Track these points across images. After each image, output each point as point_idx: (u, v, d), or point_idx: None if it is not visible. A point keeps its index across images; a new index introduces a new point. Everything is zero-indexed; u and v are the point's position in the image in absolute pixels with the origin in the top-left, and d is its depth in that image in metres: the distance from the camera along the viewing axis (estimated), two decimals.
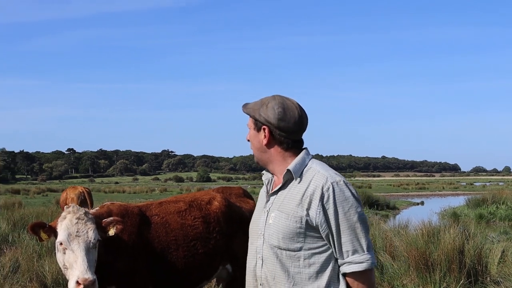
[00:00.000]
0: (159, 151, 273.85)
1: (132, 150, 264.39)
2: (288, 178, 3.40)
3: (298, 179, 3.37)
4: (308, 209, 3.27)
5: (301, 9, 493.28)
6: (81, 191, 19.41)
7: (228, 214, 6.35)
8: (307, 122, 3.48)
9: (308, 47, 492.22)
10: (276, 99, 3.43)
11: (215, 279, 6.82)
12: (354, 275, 3.27)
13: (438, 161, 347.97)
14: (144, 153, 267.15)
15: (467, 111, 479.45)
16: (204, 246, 6.05)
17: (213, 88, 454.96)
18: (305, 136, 3.51)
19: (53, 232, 5.13)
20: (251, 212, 6.66)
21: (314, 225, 3.27)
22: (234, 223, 6.38)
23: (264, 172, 3.65)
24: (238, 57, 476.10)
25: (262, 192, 3.66)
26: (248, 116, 3.54)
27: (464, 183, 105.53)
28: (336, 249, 3.28)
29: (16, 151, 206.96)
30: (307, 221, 3.27)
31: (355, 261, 3.25)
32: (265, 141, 3.45)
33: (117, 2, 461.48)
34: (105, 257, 5.23)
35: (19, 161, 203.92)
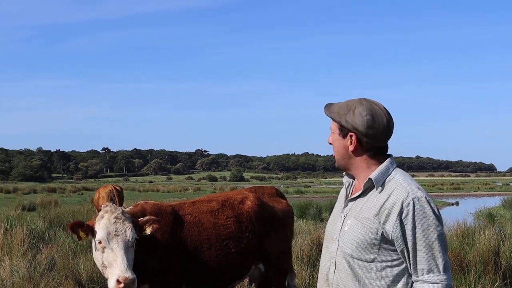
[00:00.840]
0: (193, 150, 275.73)
1: (166, 150, 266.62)
2: (369, 186, 3.31)
3: (380, 188, 3.27)
4: (384, 222, 3.18)
5: (334, 8, 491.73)
6: (111, 189, 19.96)
7: (260, 214, 6.35)
8: (393, 126, 3.36)
9: (341, 47, 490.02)
10: (363, 104, 3.28)
11: (247, 279, 6.83)
12: None
13: (473, 161, 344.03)
14: (178, 152, 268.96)
15: (503, 111, 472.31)
16: (236, 246, 6.06)
17: (246, 88, 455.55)
18: None
19: (91, 231, 5.19)
20: (283, 211, 6.69)
21: (390, 238, 3.18)
22: (266, 223, 6.38)
23: (344, 174, 3.54)
24: (271, 57, 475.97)
25: (341, 195, 3.57)
26: (331, 119, 3.40)
27: (500, 184, 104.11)
28: (411, 266, 3.19)
29: (53, 150, 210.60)
30: (382, 233, 3.19)
31: (429, 281, 3.15)
32: (351, 148, 3.32)
33: (150, 2, 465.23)
34: (139, 255, 5.26)
35: (55, 160, 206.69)
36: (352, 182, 3.50)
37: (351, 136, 3.30)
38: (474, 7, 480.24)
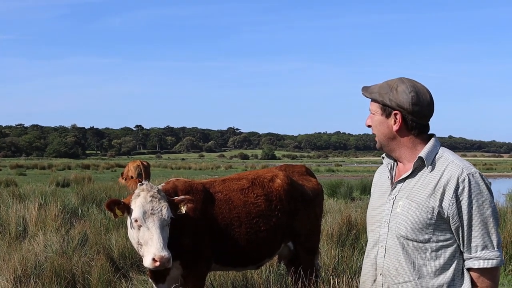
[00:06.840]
0: (225, 128, 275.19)
1: (199, 127, 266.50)
2: (418, 166, 3.24)
3: (430, 167, 3.21)
4: (441, 200, 3.13)
5: None
6: (138, 164, 21.14)
7: (290, 192, 6.37)
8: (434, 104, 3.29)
9: (375, 26, 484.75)
10: (405, 82, 3.23)
11: (277, 257, 6.87)
12: (480, 271, 3.14)
13: (507, 141, 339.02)
14: (210, 130, 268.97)
15: None
16: (266, 224, 6.09)
17: (279, 67, 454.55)
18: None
19: (127, 209, 5.27)
20: (313, 190, 6.71)
21: (446, 216, 3.14)
22: (296, 201, 6.40)
23: (384, 156, 3.47)
24: (305, 36, 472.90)
25: (381, 178, 3.52)
26: (370, 100, 3.33)
27: None
28: (465, 243, 3.15)
29: (87, 127, 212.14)
30: (438, 212, 3.13)
31: (483, 257, 3.12)
32: (396, 127, 3.25)
33: None
34: (171, 233, 5.31)
35: (89, 137, 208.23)
36: (394, 164, 3.43)
37: (395, 114, 3.24)
38: None
